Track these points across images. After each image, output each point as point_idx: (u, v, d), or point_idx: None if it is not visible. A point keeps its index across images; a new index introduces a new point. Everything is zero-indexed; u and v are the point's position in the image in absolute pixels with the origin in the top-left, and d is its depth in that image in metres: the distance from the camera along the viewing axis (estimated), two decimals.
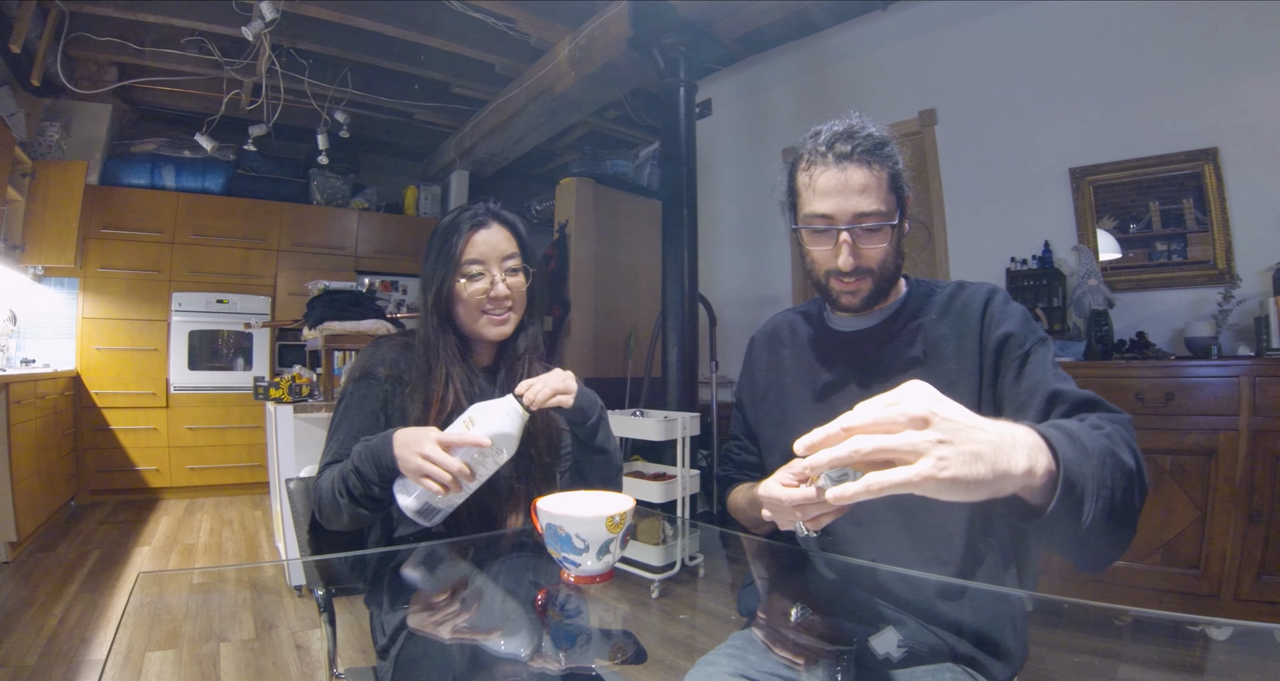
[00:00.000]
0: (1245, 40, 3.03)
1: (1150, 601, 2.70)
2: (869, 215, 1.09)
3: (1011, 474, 0.69)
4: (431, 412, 1.31)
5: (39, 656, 2.48)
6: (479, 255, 1.34)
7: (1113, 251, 3.41)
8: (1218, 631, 0.95)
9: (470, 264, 1.34)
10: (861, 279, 1.13)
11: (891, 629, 1.04)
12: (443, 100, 5.92)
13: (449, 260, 1.34)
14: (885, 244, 1.11)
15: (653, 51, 4.01)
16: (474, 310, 1.35)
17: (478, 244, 1.34)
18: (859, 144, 1.10)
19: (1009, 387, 1.07)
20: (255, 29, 4.04)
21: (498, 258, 1.35)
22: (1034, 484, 0.72)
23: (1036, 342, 1.08)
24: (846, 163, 1.10)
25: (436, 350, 1.36)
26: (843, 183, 1.10)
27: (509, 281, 1.36)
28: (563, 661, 1.05)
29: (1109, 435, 0.84)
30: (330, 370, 3.66)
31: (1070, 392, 0.99)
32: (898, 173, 1.12)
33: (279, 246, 6.01)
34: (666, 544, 3.23)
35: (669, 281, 4.04)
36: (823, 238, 1.13)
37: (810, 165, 1.14)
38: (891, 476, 0.66)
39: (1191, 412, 2.70)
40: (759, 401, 1.34)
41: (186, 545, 4.07)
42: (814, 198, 1.13)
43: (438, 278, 1.35)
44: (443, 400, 1.33)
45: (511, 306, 1.38)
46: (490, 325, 1.36)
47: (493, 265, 1.35)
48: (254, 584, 2.50)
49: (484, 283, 1.34)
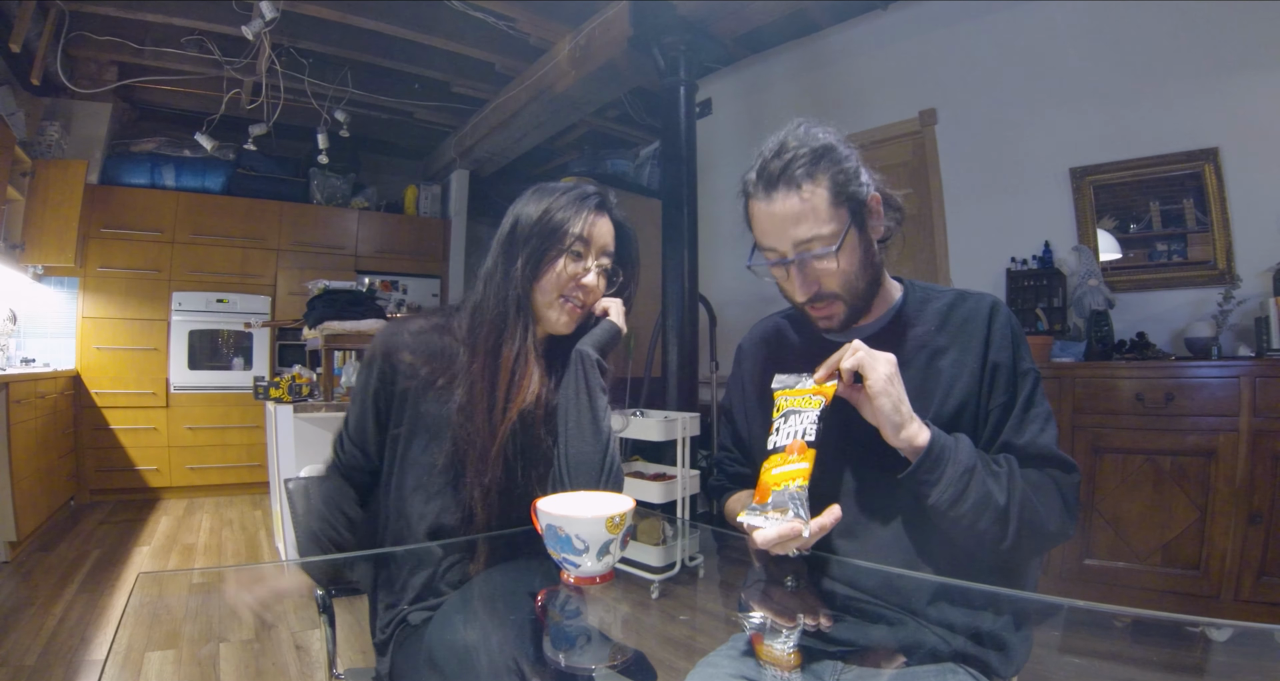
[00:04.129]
0: (1246, 40, 3.02)
1: (1150, 602, 2.70)
2: (809, 241, 1.06)
3: (907, 422, 0.98)
4: (502, 395, 1.22)
5: (38, 656, 2.47)
6: (589, 235, 1.26)
7: (1113, 251, 3.40)
8: (1218, 632, 0.95)
9: (579, 241, 1.25)
10: (830, 304, 1.12)
11: (903, 619, 1.05)
12: (443, 99, 5.92)
13: (558, 230, 1.25)
14: (838, 265, 1.08)
15: (653, 51, 4.01)
16: (553, 291, 1.25)
17: (591, 225, 1.26)
18: (788, 164, 1.06)
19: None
20: (255, 28, 4.03)
21: (600, 248, 1.29)
22: (917, 446, 0.98)
23: (1019, 378, 1.09)
24: (775, 191, 1.07)
25: (522, 318, 1.25)
26: (776, 214, 1.07)
27: (600, 276, 1.30)
28: (562, 662, 1.05)
29: (1006, 474, 1.00)
30: (330, 370, 3.66)
31: (1022, 447, 1.06)
32: (844, 180, 1.07)
33: (279, 246, 6.01)
34: (666, 544, 3.23)
35: (669, 281, 4.04)
36: (778, 270, 1.14)
37: (750, 197, 1.12)
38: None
39: (1192, 413, 2.69)
40: (750, 411, 1.31)
41: (186, 545, 4.07)
42: (759, 232, 1.12)
43: (534, 243, 1.25)
44: (516, 376, 1.23)
45: (590, 301, 1.30)
46: (563, 312, 1.26)
47: (592, 253, 1.28)
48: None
49: (580, 266, 1.26)
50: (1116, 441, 2.83)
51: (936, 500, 0.98)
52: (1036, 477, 1.02)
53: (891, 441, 0.99)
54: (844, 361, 0.99)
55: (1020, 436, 1.06)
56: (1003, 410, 1.08)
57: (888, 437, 0.99)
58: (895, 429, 0.98)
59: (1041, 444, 1.05)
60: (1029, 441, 1.05)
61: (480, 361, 1.24)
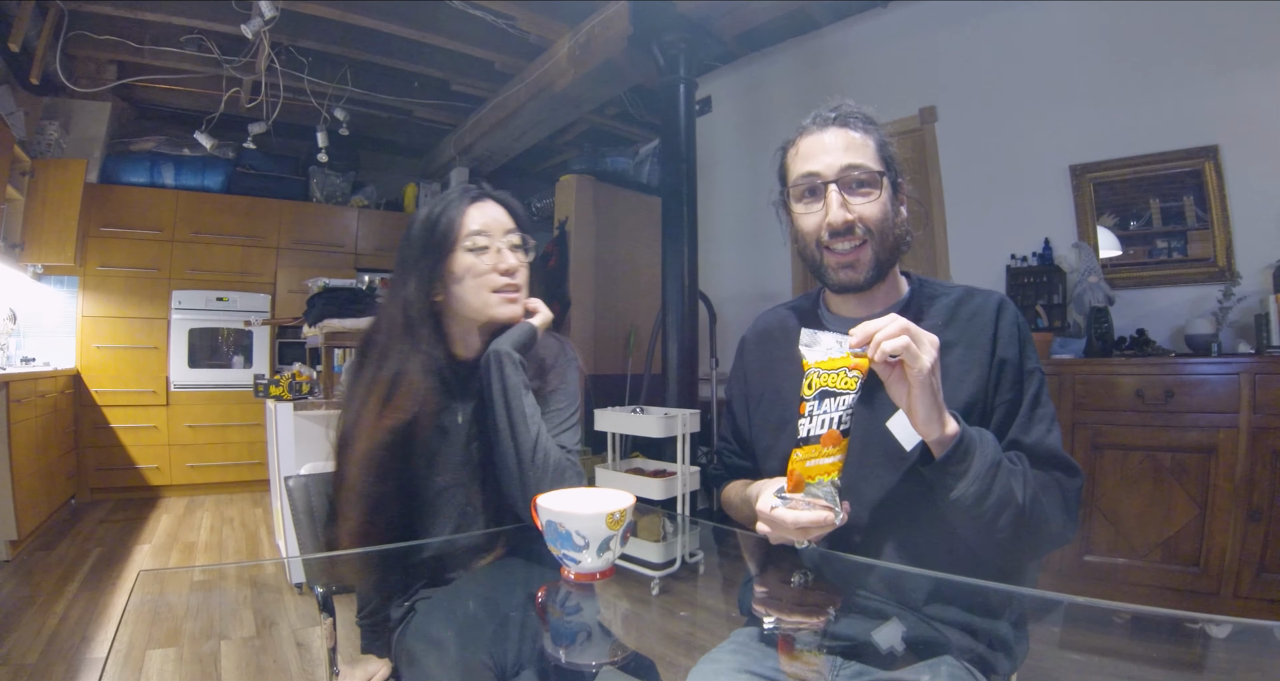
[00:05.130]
0: (1245, 37, 3.02)
1: (1150, 598, 2.70)
2: (856, 167, 1.08)
3: (941, 409, 0.93)
4: (372, 410, 1.24)
5: (40, 654, 2.48)
6: (481, 226, 1.27)
7: (1113, 248, 3.40)
8: (1217, 629, 0.95)
9: (475, 235, 1.26)
10: (859, 248, 1.10)
11: (895, 621, 1.04)
12: (442, 98, 5.91)
13: (447, 236, 1.25)
14: (878, 201, 1.09)
15: (653, 48, 4.01)
16: (482, 288, 1.26)
17: (477, 217, 1.27)
18: (843, 113, 1.11)
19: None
20: (255, 27, 4.03)
21: (500, 231, 1.29)
22: (944, 438, 0.94)
23: (1025, 376, 1.09)
24: (829, 126, 1.11)
25: (411, 339, 1.26)
26: (825, 141, 1.10)
27: (516, 256, 1.30)
28: (562, 658, 1.06)
29: (1022, 472, 0.99)
30: (330, 367, 3.66)
31: (1029, 447, 1.05)
32: (887, 150, 1.12)
33: (279, 244, 6.01)
34: (666, 540, 3.23)
35: (669, 278, 4.04)
36: (811, 200, 1.12)
37: (796, 141, 1.15)
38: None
39: (1192, 410, 2.69)
40: (753, 405, 1.29)
41: (187, 543, 4.08)
42: (800, 162, 1.13)
43: (431, 255, 1.26)
44: (386, 399, 1.24)
45: (520, 283, 1.30)
46: (503, 304, 1.28)
47: (496, 237, 1.28)
48: (254, 581, 2.50)
49: (489, 255, 1.27)
50: (1116, 438, 2.83)
51: (961, 494, 0.95)
52: (1042, 478, 1.02)
53: (919, 428, 0.94)
54: (886, 342, 0.89)
55: (1027, 435, 1.05)
56: (1007, 408, 1.08)
57: (915, 424, 0.94)
58: (929, 416, 0.93)
59: (1048, 444, 1.05)
60: (1036, 441, 1.05)
61: (364, 381, 1.29)
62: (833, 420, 0.92)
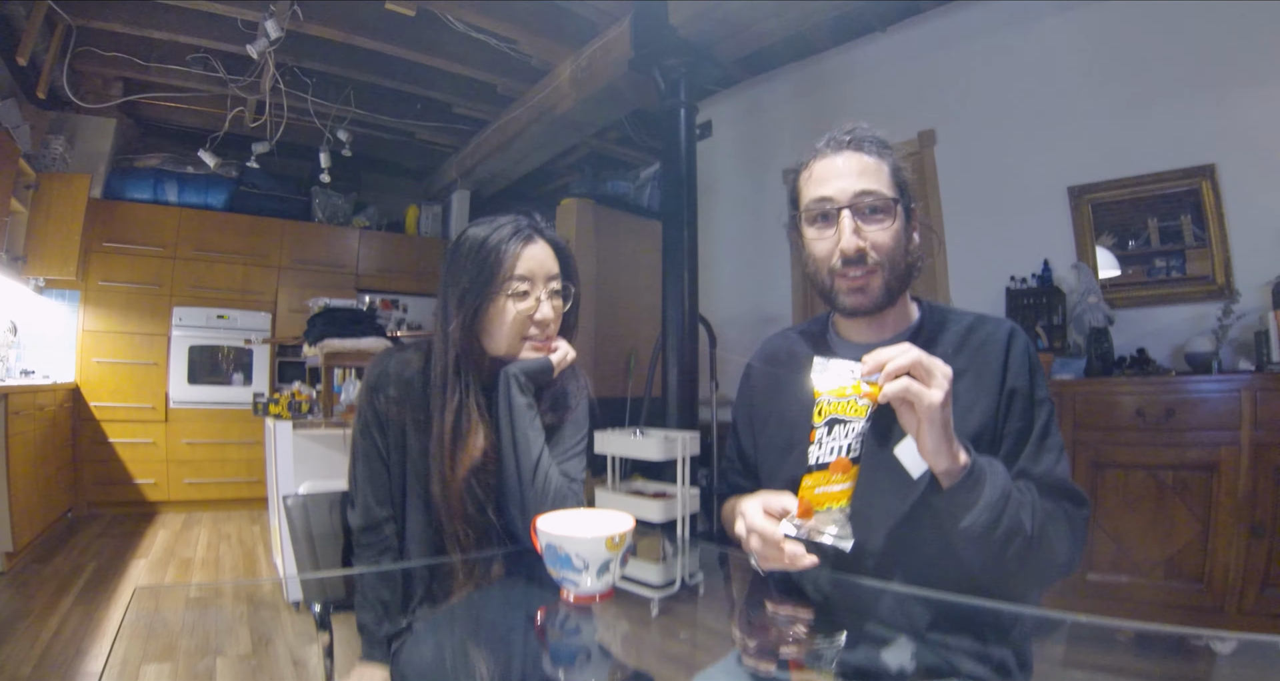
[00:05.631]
0: (1242, 57, 3.06)
1: (1153, 616, 2.68)
2: (870, 193, 1.07)
3: (952, 440, 0.92)
4: (448, 459, 1.24)
5: (34, 667, 2.46)
6: (527, 272, 1.25)
7: (1112, 268, 3.42)
8: (1222, 645, 0.94)
9: (518, 280, 1.24)
10: (869, 273, 1.08)
11: (907, 638, 1.03)
12: (444, 120, 5.97)
13: (493, 276, 1.23)
14: (890, 229, 1.08)
15: (653, 73, 4.04)
16: (514, 335, 1.26)
17: (526, 260, 1.25)
18: (857, 137, 1.11)
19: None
20: (260, 47, 4.08)
21: (544, 276, 1.27)
22: (954, 468, 0.92)
23: (1035, 406, 1.08)
24: (843, 150, 1.10)
25: (461, 377, 1.26)
26: (839, 166, 1.09)
27: (553, 303, 1.29)
28: (561, 680, 1.05)
29: (1030, 503, 0.97)
30: (330, 387, 3.66)
31: (1039, 477, 1.04)
32: (901, 175, 1.11)
33: (280, 263, 6.03)
34: (666, 562, 3.21)
35: (669, 301, 4.05)
36: (824, 225, 1.11)
37: (809, 164, 1.14)
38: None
39: (1193, 427, 2.70)
40: (759, 429, 1.29)
41: (184, 559, 4.05)
42: (813, 186, 1.12)
43: (474, 293, 1.23)
44: (460, 433, 1.24)
45: (552, 333, 1.30)
46: (530, 351, 1.28)
47: (539, 285, 1.26)
48: (251, 598, 2.48)
49: (529, 303, 1.25)
50: (1118, 457, 2.83)
51: (970, 523, 0.93)
52: (1050, 508, 1.01)
53: (926, 458, 0.93)
54: (888, 386, 0.89)
55: (1037, 465, 1.05)
56: (1016, 437, 1.07)
57: (923, 454, 0.93)
58: (938, 448, 0.91)
59: (1057, 475, 1.04)
60: (1046, 471, 1.04)
61: (426, 425, 1.27)
62: (842, 448, 0.91)
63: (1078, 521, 1.03)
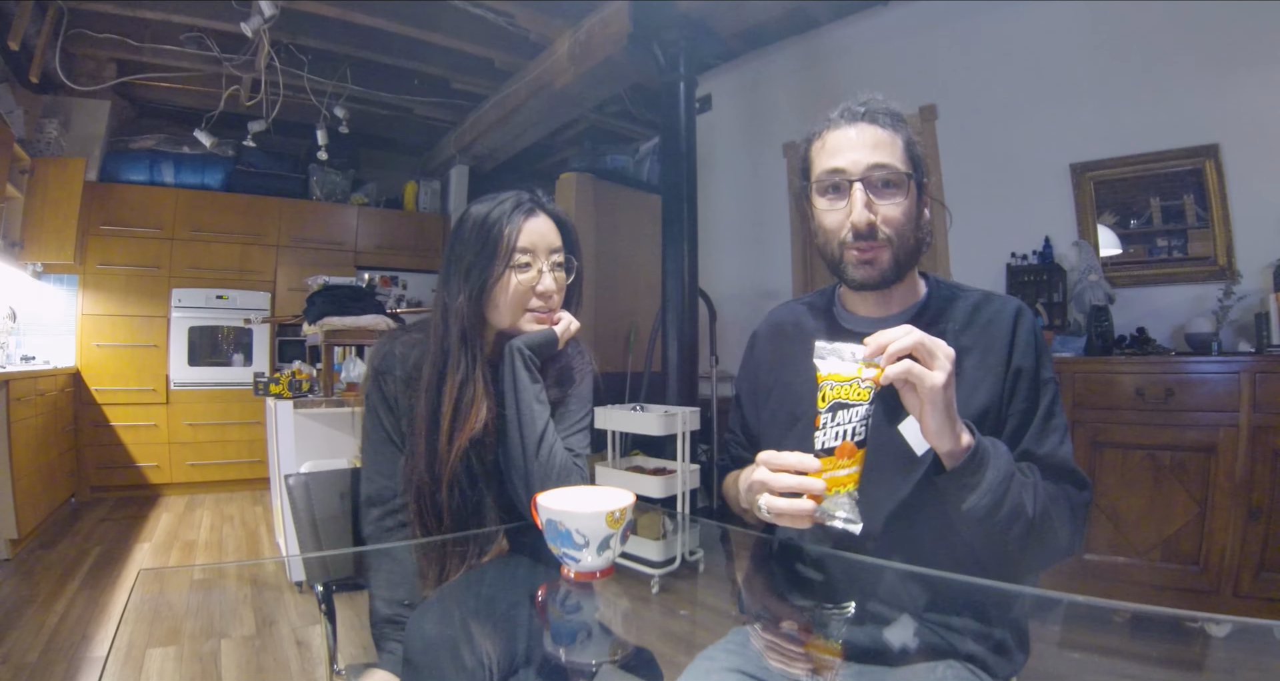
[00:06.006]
0: (1246, 36, 3.01)
1: (1150, 597, 2.70)
2: (883, 167, 1.05)
3: (955, 421, 0.91)
4: (446, 427, 1.24)
5: (40, 653, 2.48)
6: (529, 244, 1.26)
7: (1113, 247, 3.40)
8: (1217, 628, 0.94)
9: (520, 252, 1.26)
10: (879, 248, 1.07)
11: (906, 617, 1.04)
12: (442, 95, 5.91)
13: (495, 249, 1.25)
14: (902, 204, 1.07)
15: (653, 47, 4.00)
16: (517, 306, 1.28)
17: (528, 232, 1.27)
18: (872, 109, 1.09)
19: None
20: (254, 25, 4.02)
21: (546, 249, 1.29)
22: (957, 449, 0.92)
23: (1040, 387, 1.08)
24: (858, 121, 1.08)
25: (468, 349, 1.27)
26: (853, 137, 1.07)
27: (555, 275, 1.30)
28: (563, 657, 1.05)
29: (1033, 484, 0.97)
30: (330, 365, 3.65)
31: (1042, 458, 1.04)
32: (914, 149, 1.09)
33: (278, 242, 6.02)
34: (666, 539, 3.23)
35: (669, 276, 4.04)
36: (835, 197, 1.09)
37: (822, 133, 1.12)
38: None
39: (1192, 408, 2.69)
40: (762, 401, 1.28)
41: (187, 541, 4.08)
42: (825, 157, 1.10)
43: (479, 268, 1.25)
44: (462, 405, 1.25)
45: (555, 305, 1.32)
46: (533, 323, 1.30)
47: (541, 257, 1.28)
48: (254, 580, 2.50)
49: (531, 274, 1.27)
50: (1116, 436, 2.83)
51: (973, 506, 0.92)
52: (1052, 490, 1.01)
53: (930, 439, 0.93)
54: (889, 368, 0.89)
55: (1041, 447, 1.05)
56: (1021, 417, 1.06)
57: (926, 435, 0.92)
58: (941, 429, 0.91)
59: (1061, 457, 1.04)
60: (1049, 453, 1.04)
61: (425, 397, 1.27)
62: (847, 432, 0.90)
63: (1079, 504, 1.03)
